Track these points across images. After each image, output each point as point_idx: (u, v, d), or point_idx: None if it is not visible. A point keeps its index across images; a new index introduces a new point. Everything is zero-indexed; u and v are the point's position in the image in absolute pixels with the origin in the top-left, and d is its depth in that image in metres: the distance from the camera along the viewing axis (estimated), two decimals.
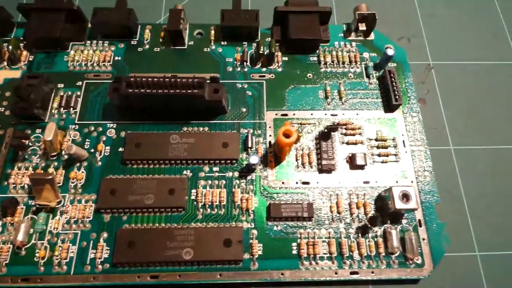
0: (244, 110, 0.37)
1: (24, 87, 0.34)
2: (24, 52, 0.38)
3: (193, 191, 0.33)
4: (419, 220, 0.33)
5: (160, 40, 0.40)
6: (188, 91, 0.33)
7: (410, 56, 0.40)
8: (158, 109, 0.36)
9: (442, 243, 0.32)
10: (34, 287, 0.30)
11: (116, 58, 0.39)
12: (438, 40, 0.42)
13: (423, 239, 0.32)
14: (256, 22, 0.39)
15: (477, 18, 0.43)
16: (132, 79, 0.33)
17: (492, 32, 0.43)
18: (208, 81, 0.34)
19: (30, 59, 0.38)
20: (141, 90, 0.33)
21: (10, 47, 0.37)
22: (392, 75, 0.37)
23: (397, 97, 0.36)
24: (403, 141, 0.36)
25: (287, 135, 0.32)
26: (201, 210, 0.33)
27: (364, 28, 0.40)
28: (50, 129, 0.32)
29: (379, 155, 0.35)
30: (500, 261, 0.33)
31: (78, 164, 0.34)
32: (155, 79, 0.33)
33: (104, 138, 0.35)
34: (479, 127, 0.38)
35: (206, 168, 0.34)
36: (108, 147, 0.35)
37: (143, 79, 0.33)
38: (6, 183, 0.33)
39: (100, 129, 0.36)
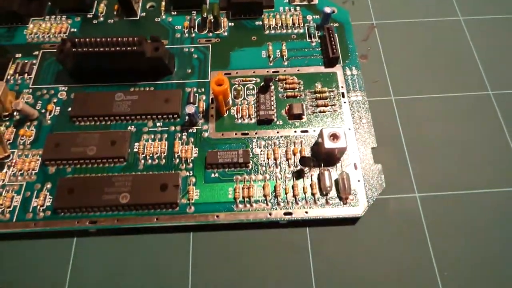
0: (189, 71, 0.39)
1: None
2: None
3: (136, 144, 0.35)
4: (355, 164, 0.33)
5: (114, 12, 0.42)
6: (128, 48, 0.35)
7: (355, 17, 0.42)
8: (107, 71, 0.38)
9: (378, 184, 0.33)
10: None
11: (72, 29, 0.41)
12: (381, 0, 0.44)
13: (358, 181, 0.33)
14: None
15: None
16: (76, 39, 0.35)
17: None
18: (149, 40, 0.36)
19: None
20: (85, 49, 0.35)
21: None
22: (330, 31, 0.38)
23: (334, 50, 0.37)
24: (342, 92, 0.37)
25: (219, 84, 0.33)
26: (142, 161, 0.34)
27: None
28: None
29: (317, 106, 0.36)
30: (439, 202, 0.33)
31: (28, 123, 0.36)
32: (98, 39, 0.35)
33: (55, 100, 0.37)
34: (418, 79, 0.39)
35: (150, 124, 0.36)
36: (58, 108, 0.37)
37: (87, 39, 0.35)
38: None
39: (52, 92, 0.38)
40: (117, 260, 0.32)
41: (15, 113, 0.36)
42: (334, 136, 0.32)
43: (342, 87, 0.37)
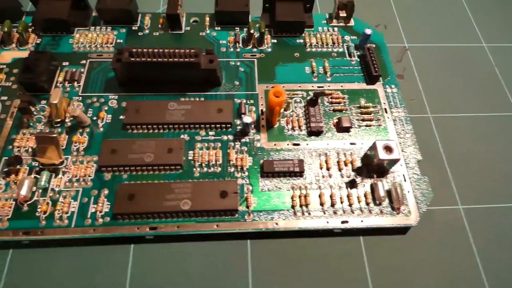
0: (237, 83, 0.40)
1: (31, 60, 0.37)
2: (32, 35, 0.41)
3: (190, 152, 0.35)
4: (403, 175, 0.35)
5: (159, 26, 0.44)
6: (186, 59, 0.36)
7: (387, 40, 0.45)
8: (157, 81, 0.38)
9: (426, 195, 0.34)
10: (35, 240, 0.31)
11: (118, 40, 0.42)
12: (411, 26, 0.47)
13: (408, 192, 0.34)
14: (246, 7, 0.43)
15: (444, 5, 0.49)
16: (134, 49, 0.36)
17: (457, 17, 0.49)
18: (204, 53, 0.37)
19: (38, 42, 0.41)
20: (142, 59, 0.36)
21: (20, 28, 0.40)
22: (371, 51, 0.41)
23: (376, 68, 0.40)
24: (385, 108, 0.39)
25: (277, 96, 0.35)
26: (198, 168, 0.35)
27: (345, 15, 0.44)
28: (56, 93, 0.35)
29: (363, 120, 0.38)
30: (483, 213, 0.35)
31: (80, 130, 0.36)
32: (155, 49, 0.36)
33: (106, 108, 0.38)
34: (453, 98, 0.42)
35: (203, 133, 0.37)
36: (109, 115, 0.37)
37: (144, 49, 0.36)
38: (10, 146, 0.35)
39: (103, 100, 0.38)
40: (176, 267, 0.32)
41: (66, 120, 0.36)
42: (388, 149, 0.33)
43: (384, 103, 0.39)
